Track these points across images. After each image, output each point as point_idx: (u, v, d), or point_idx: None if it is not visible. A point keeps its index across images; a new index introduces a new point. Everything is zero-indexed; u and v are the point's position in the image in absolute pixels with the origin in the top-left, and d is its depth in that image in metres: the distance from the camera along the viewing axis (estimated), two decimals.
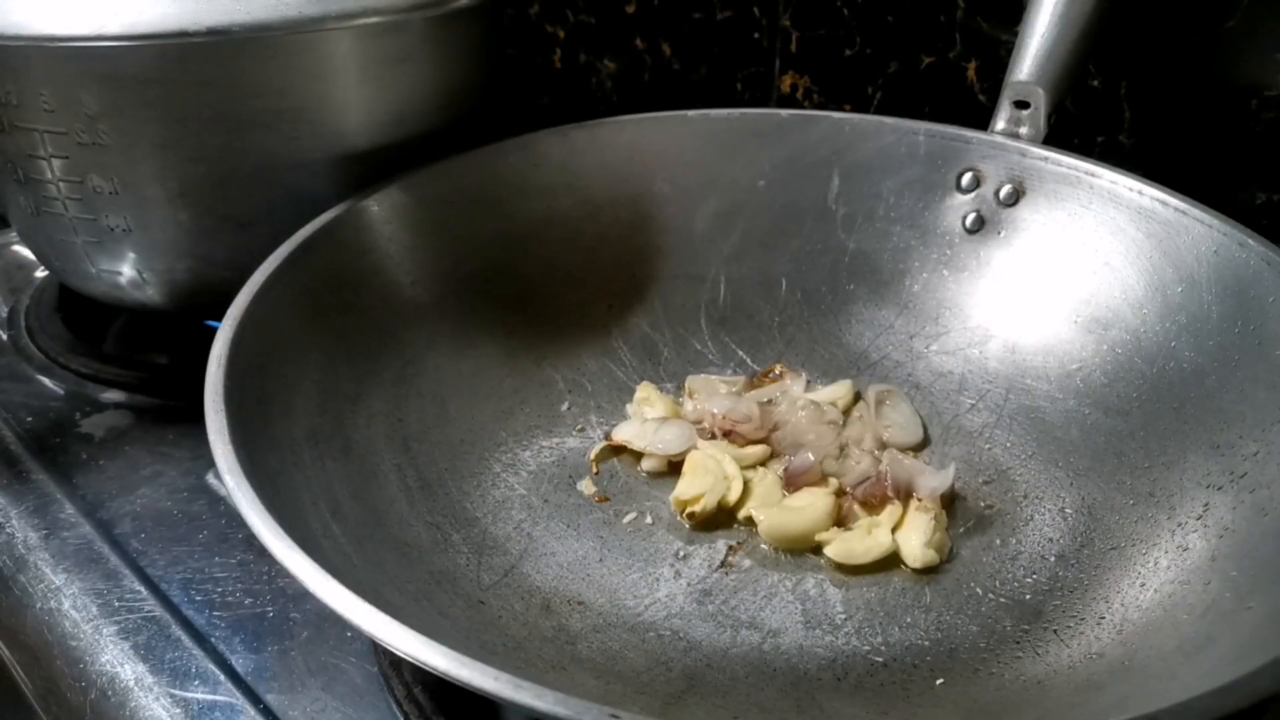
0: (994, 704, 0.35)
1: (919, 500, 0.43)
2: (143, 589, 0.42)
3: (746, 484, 0.45)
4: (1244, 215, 0.43)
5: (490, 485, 0.46)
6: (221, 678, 0.38)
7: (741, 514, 0.44)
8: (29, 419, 0.53)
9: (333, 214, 0.46)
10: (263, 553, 0.43)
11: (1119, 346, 0.46)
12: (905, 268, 0.54)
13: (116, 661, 0.39)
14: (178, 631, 0.40)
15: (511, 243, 0.53)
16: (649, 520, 0.45)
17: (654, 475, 0.47)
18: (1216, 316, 0.42)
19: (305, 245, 0.44)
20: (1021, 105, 0.51)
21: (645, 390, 0.51)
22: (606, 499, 0.46)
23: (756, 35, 0.71)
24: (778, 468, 0.47)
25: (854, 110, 0.67)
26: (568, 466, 0.48)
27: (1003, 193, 0.51)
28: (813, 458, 0.46)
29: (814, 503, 0.44)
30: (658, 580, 0.42)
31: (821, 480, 0.46)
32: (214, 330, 0.38)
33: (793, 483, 0.45)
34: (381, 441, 0.44)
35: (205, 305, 0.54)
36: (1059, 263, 0.49)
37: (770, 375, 0.53)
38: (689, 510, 0.44)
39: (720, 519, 0.45)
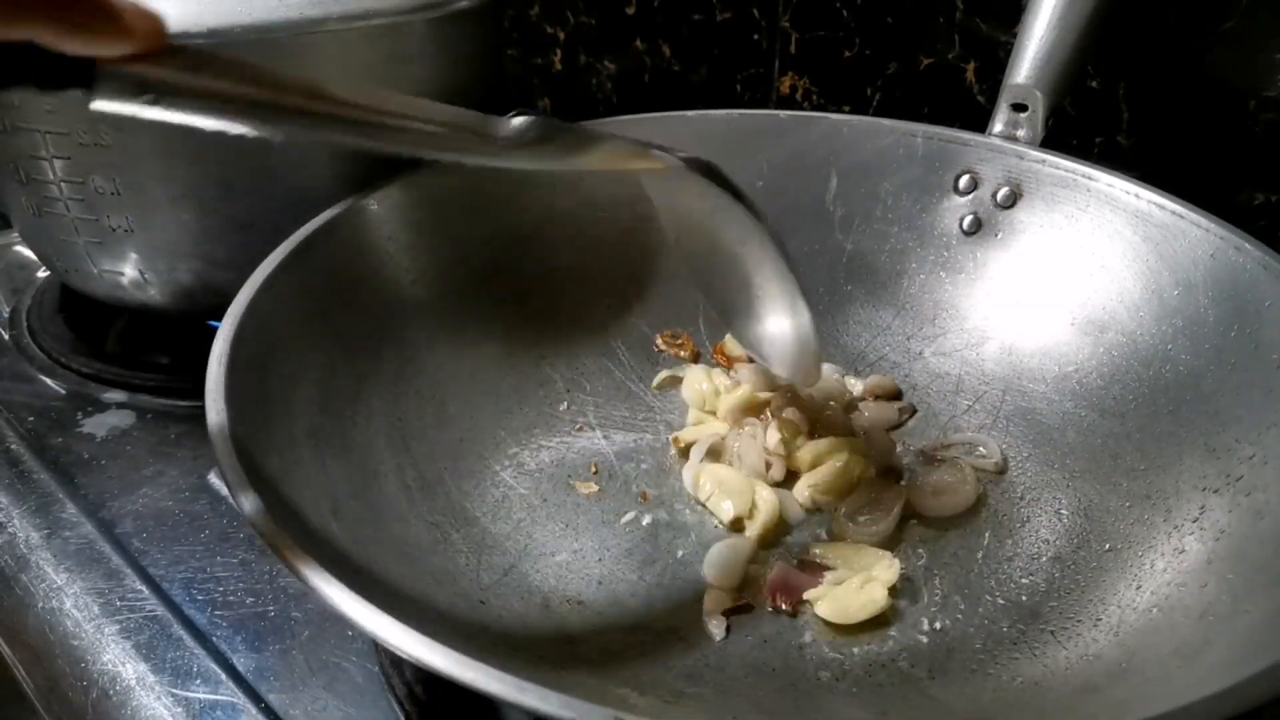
0: (991, 705, 0.35)
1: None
2: (144, 588, 0.42)
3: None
4: (1242, 216, 0.43)
5: (489, 484, 0.46)
6: (223, 677, 0.38)
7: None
8: (31, 419, 0.53)
9: (333, 213, 0.46)
10: (264, 552, 0.43)
11: (1115, 349, 0.46)
12: (902, 269, 0.54)
13: (118, 661, 0.39)
14: (179, 631, 0.40)
15: (511, 242, 0.53)
16: (647, 520, 0.45)
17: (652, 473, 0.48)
18: (1213, 320, 0.42)
19: (305, 244, 0.44)
20: (1019, 108, 0.51)
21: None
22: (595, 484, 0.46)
23: (756, 36, 0.71)
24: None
25: (853, 111, 0.67)
26: (566, 466, 0.48)
27: (1000, 195, 0.51)
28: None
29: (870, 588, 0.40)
30: (657, 581, 0.42)
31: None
32: (215, 330, 0.38)
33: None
34: (381, 441, 0.44)
35: (206, 305, 0.54)
36: (1056, 265, 0.49)
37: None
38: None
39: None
